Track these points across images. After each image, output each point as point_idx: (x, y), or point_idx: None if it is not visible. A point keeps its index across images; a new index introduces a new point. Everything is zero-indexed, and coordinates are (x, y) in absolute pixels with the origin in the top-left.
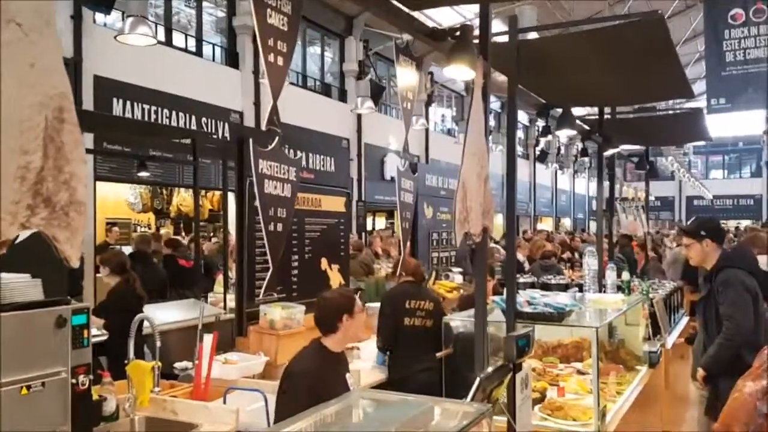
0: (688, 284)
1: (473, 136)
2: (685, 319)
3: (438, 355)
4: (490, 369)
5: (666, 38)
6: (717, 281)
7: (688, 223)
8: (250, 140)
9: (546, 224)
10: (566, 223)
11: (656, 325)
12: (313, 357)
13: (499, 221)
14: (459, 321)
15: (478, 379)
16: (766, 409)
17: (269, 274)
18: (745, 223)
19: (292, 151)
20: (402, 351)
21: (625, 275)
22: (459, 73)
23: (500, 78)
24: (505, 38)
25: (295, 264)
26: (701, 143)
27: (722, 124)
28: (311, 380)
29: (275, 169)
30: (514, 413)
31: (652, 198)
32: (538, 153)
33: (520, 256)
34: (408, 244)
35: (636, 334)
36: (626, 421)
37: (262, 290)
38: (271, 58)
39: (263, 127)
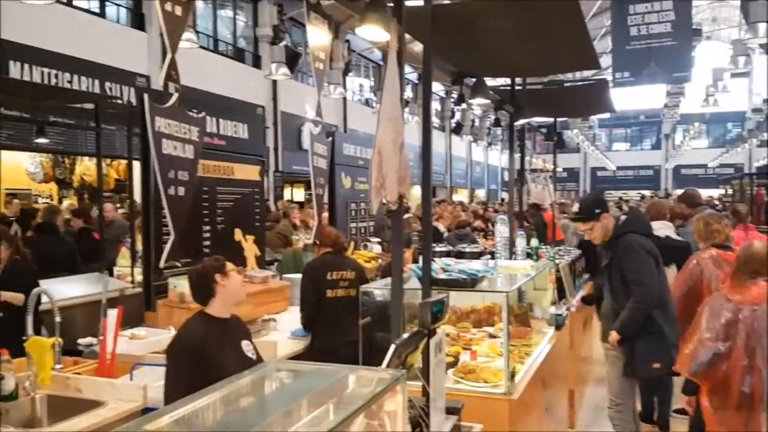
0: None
1: (388, 101)
2: (588, 283)
3: (361, 322)
4: (405, 335)
5: (576, 7)
6: (619, 248)
7: (577, 211)
8: (145, 95)
9: (462, 195)
10: (480, 193)
11: (562, 289)
12: (194, 326)
13: (417, 192)
14: (378, 290)
15: (393, 346)
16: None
17: (170, 241)
18: (645, 194)
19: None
20: (326, 324)
21: (534, 242)
22: (373, 34)
23: (416, 48)
24: (420, 2)
25: (207, 234)
26: (605, 116)
27: (625, 98)
28: (192, 350)
29: (174, 128)
30: (428, 377)
31: (559, 169)
32: (453, 125)
33: (441, 226)
34: (326, 214)
35: (544, 298)
36: (534, 381)
37: (163, 259)
38: (168, 6)
39: (161, 84)
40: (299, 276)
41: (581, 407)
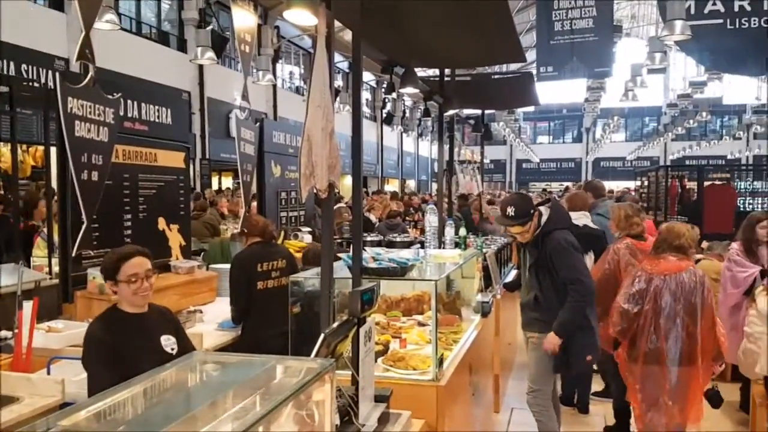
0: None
1: (317, 88)
2: (514, 272)
3: (294, 312)
4: (335, 325)
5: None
6: (547, 247)
7: (511, 214)
8: (57, 74)
9: (393, 185)
10: (411, 184)
11: (489, 277)
12: (102, 322)
13: (350, 182)
14: (309, 279)
15: (322, 335)
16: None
17: (83, 229)
18: (566, 185)
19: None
20: (257, 315)
21: (462, 231)
22: (300, 18)
23: (347, 37)
24: None
25: (128, 223)
26: (530, 110)
27: (549, 92)
28: (102, 346)
29: (88, 110)
30: (357, 366)
31: (486, 160)
32: (384, 115)
33: (372, 217)
34: (255, 203)
35: (471, 286)
36: (461, 367)
37: (75, 248)
38: None
39: (75, 63)
40: (227, 266)
41: (506, 391)
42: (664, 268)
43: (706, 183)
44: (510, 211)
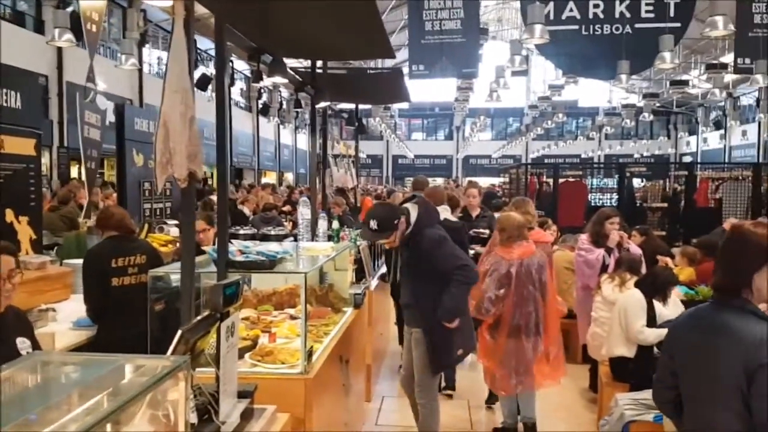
0: None
1: (175, 71)
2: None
3: (156, 309)
4: (194, 320)
5: None
6: (422, 245)
7: (375, 228)
8: None
9: (270, 178)
10: (289, 177)
11: (362, 270)
12: None
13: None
14: (173, 274)
15: (179, 331)
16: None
17: None
18: (439, 180)
19: None
20: (114, 314)
21: (335, 224)
22: None
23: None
24: None
25: None
26: (405, 107)
27: (423, 90)
28: None
29: None
30: (219, 362)
31: (363, 155)
32: (260, 106)
33: (246, 210)
34: (114, 194)
35: (344, 279)
36: (331, 359)
37: None
38: None
39: None
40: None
41: (377, 381)
42: (519, 254)
43: (561, 180)
44: (373, 224)
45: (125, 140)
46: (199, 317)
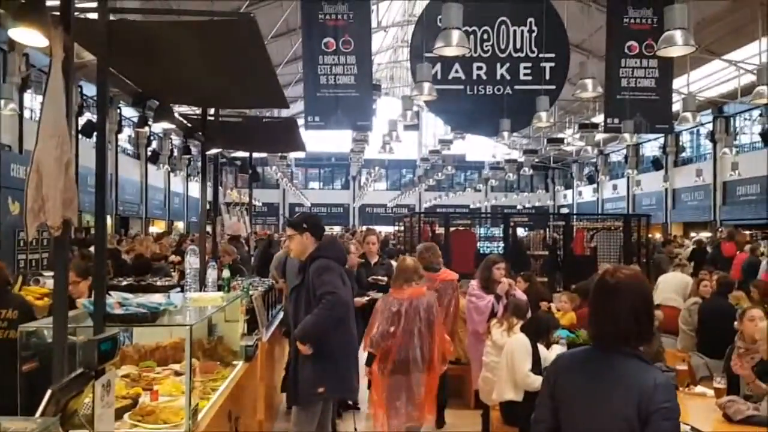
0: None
1: (51, 115)
2: (282, 313)
3: (24, 369)
4: (66, 379)
5: (258, 41)
6: (312, 269)
7: (294, 216)
8: None
9: (159, 227)
10: (180, 225)
11: (255, 320)
12: None
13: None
14: (47, 329)
15: (49, 391)
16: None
17: None
18: (336, 229)
19: None
20: None
21: (226, 273)
22: (29, 38)
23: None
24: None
25: None
26: (301, 156)
27: (319, 140)
28: None
29: None
30: (93, 423)
31: (259, 203)
32: (150, 153)
33: (128, 258)
34: None
35: (235, 330)
36: (219, 416)
37: None
38: None
39: None
40: None
41: None
42: (409, 294)
43: (452, 228)
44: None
45: (1, 187)
46: (71, 375)
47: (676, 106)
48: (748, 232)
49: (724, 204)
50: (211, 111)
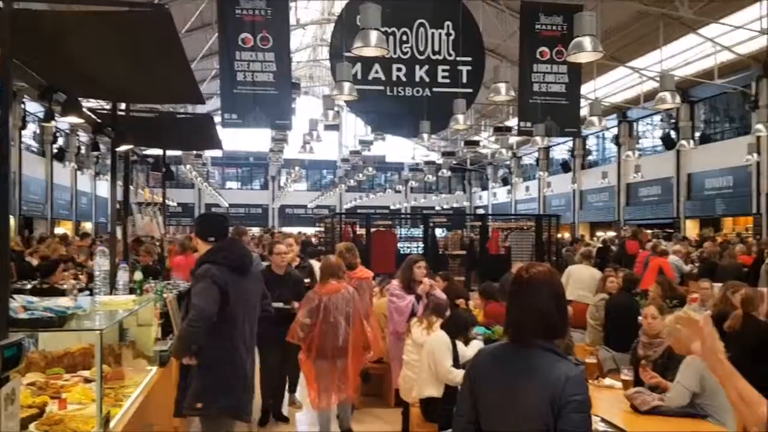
0: None
1: None
2: None
3: None
4: None
5: (173, 35)
6: (195, 275)
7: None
8: None
9: (65, 227)
10: (88, 226)
11: (170, 324)
12: None
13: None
14: None
15: None
16: None
17: None
18: (255, 230)
19: None
20: None
21: (138, 276)
22: None
23: None
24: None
25: None
26: (218, 155)
27: (237, 139)
28: None
29: None
30: None
31: (174, 204)
32: (55, 151)
33: (35, 262)
34: None
35: (148, 335)
36: (132, 423)
37: None
38: None
39: None
40: None
41: None
42: (329, 290)
43: (373, 229)
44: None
45: None
46: None
47: (584, 111)
48: (649, 231)
49: (628, 204)
50: (122, 106)
